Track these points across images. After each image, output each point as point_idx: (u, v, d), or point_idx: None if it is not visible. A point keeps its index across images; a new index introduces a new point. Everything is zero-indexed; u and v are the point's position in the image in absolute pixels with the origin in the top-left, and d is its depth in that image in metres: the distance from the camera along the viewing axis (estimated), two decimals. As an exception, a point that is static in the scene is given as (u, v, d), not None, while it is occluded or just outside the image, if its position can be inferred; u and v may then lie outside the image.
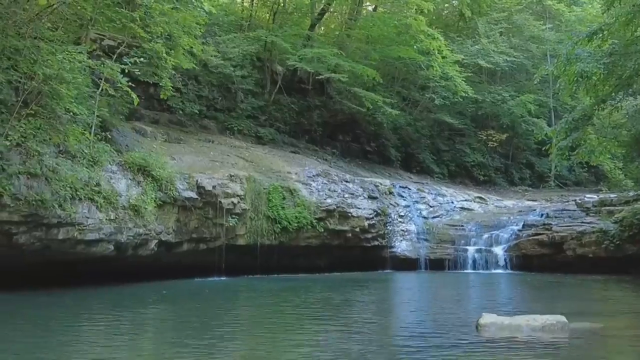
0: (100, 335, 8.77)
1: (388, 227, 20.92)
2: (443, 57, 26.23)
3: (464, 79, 27.22)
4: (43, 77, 12.03)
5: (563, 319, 8.35)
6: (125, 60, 14.93)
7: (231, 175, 17.28)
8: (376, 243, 20.53)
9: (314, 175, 20.00)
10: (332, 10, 28.94)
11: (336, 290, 14.53)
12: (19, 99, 11.91)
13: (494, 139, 31.15)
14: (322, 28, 30.48)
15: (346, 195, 19.83)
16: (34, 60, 12.08)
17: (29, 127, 11.90)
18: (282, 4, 27.70)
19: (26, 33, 12.16)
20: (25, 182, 11.52)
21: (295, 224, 18.12)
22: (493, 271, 19.65)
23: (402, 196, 22.56)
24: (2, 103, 11.59)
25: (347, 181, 20.62)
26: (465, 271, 19.87)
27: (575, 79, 17.46)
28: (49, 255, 12.87)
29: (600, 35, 17.00)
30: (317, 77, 25.85)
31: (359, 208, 19.84)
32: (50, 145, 12.36)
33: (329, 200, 19.19)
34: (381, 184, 22.08)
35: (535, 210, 22.67)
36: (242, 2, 29.80)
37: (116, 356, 7.40)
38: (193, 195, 16.02)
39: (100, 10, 15.02)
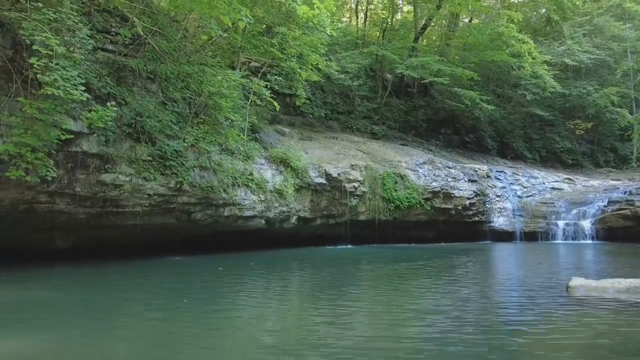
0: (258, 286, 9.34)
1: (487, 205, 20.17)
2: (533, 58, 24.74)
3: (552, 76, 25.59)
4: (208, 93, 12.76)
5: (648, 281, 7.72)
6: (267, 77, 15.62)
7: (352, 165, 17.51)
8: (476, 219, 19.90)
9: (420, 163, 19.72)
10: (433, 24, 28.24)
11: (443, 257, 14.27)
12: (192, 111, 12.69)
13: (580, 127, 29.26)
14: (425, 40, 29.81)
15: (449, 179, 19.37)
16: (201, 81, 12.82)
17: (199, 132, 12.63)
18: (389, 23, 27.57)
19: (194, 60, 12.93)
20: (198, 173, 12.29)
21: (406, 204, 18.02)
22: (581, 242, 18.42)
23: (499, 179, 21.63)
24: (179, 115, 12.31)
25: (449, 167, 20.11)
26: (556, 242, 18.83)
27: (654, 71, 15.87)
28: (218, 228, 13.82)
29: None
30: (421, 82, 25.41)
31: (460, 190, 19.31)
32: (215, 145, 13.08)
33: (434, 184, 18.85)
34: (480, 169, 21.30)
35: (619, 188, 20.92)
36: (357, 24, 29.96)
37: (269, 303, 7.87)
38: (323, 181, 16.47)
39: (248, 39, 15.82)
